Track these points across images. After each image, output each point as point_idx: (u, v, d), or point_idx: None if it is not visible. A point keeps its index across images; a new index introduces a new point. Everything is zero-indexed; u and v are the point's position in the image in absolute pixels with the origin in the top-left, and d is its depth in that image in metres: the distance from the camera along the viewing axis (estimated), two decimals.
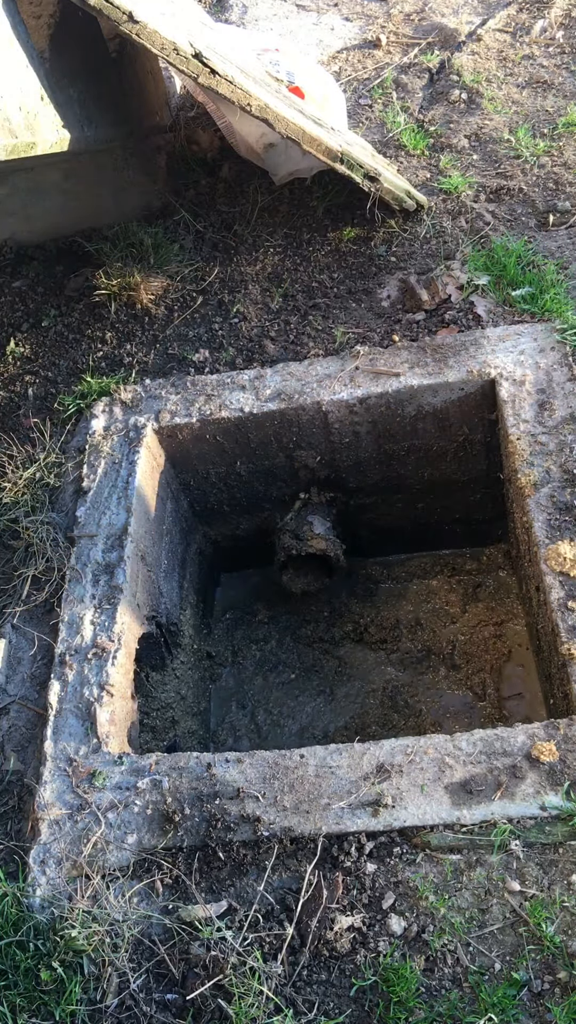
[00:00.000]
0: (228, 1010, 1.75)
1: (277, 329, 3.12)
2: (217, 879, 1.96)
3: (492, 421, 2.84)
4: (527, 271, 2.99)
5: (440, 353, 2.83)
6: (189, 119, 3.80)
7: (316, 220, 3.45)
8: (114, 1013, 1.83)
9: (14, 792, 2.23)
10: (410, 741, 2.05)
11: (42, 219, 3.67)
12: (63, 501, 2.82)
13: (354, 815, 1.96)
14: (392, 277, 3.18)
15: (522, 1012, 1.69)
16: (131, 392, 3.01)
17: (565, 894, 1.80)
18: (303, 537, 3.12)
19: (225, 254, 3.45)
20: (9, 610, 2.58)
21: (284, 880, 1.93)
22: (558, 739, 1.97)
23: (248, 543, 3.48)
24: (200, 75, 2.69)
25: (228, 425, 2.91)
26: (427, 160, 3.57)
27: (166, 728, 2.88)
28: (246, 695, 3.33)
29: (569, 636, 2.16)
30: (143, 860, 2.01)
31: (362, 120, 3.84)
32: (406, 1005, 1.73)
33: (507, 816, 1.90)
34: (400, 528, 3.40)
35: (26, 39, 2.70)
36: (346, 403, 2.84)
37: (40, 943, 1.91)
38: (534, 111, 3.67)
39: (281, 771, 2.06)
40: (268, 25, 4.48)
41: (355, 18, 4.43)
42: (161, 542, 2.95)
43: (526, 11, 4.17)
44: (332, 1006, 1.77)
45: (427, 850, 1.90)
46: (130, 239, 3.50)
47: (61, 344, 3.34)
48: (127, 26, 2.54)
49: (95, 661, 2.38)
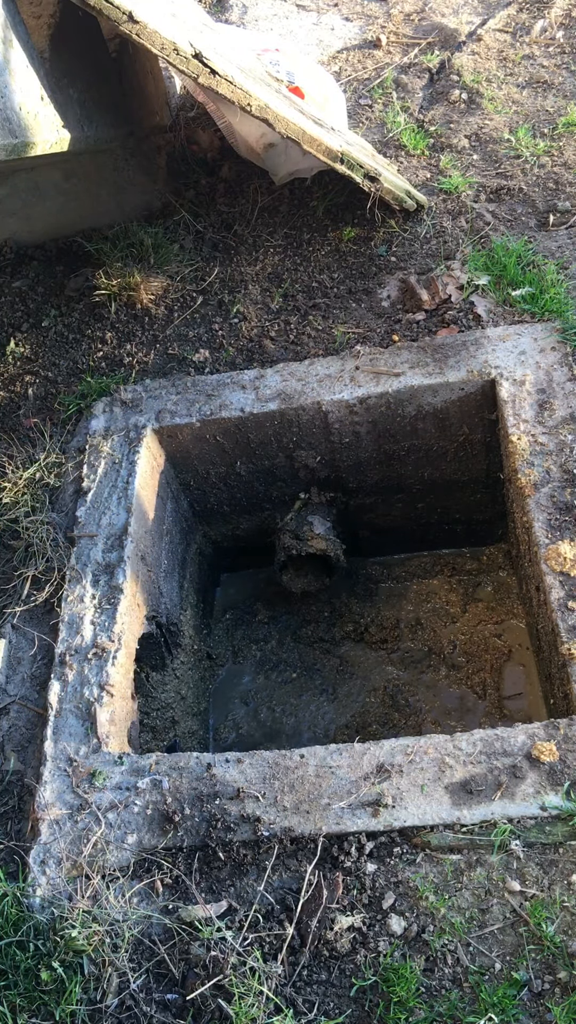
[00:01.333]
0: (228, 1010, 1.75)
1: (277, 329, 3.12)
2: (217, 879, 1.96)
3: (492, 421, 2.84)
4: (527, 271, 2.99)
5: (440, 353, 2.83)
6: (189, 119, 3.80)
7: (316, 220, 3.45)
8: (114, 1013, 1.83)
9: (14, 792, 2.23)
10: (410, 741, 2.05)
11: (42, 219, 3.67)
12: (63, 501, 2.82)
13: (354, 815, 1.96)
14: (392, 277, 3.18)
15: (522, 1012, 1.69)
16: (131, 392, 3.01)
17: (565, 894, 1.80)
18: (303, 537, 3.12)
19: (225, 254, 3.45)
20: (9, 610, 2.58)
21: (284, 880, 1.93)
22: (558, 739, 1.97)
23: (248, 543, 3.48)
24: (200, 75, 2.69)
25: (228, 425, 2.91)
26: (427, 160, 3.57)
27: (166, 728, 2.88)
28: (247, 693, 3.33)
29: (569, 636, 2.16)
30: (143, 860, 2.01)
31: (362, 120, 3.84)
32: (406, 1005, 1.73)
33: (507, 816, 1.90)
34: (400, 528, 3.40)
35: (26, 39, 2.70)
36: (346, 403, 2.84)
37: (40, 943, 1.91)
38: (534, 111, 3.67)
39: (281, 771, 2.06)
40: (268, 25, 4.48)
41: (355, 18, 4.43)
42: (161, 542, 2.95)
43: (526, 11, 4.17)
44: (332, 1006, 1.77)
45: (427, 850, 1.90)
46: (130, 239, 3.50)
47: (61, 344, 3.34)
48: (127, 26, 2.54)
49: (95, 661, 2.38)
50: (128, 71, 3.42)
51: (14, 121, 2.62)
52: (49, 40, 2.86)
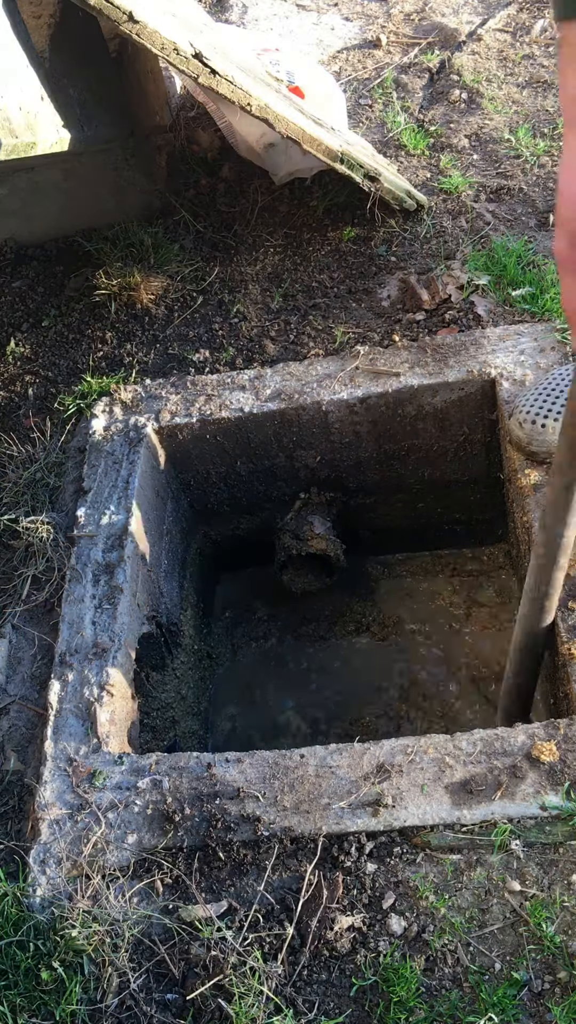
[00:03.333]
0: (228, 1010, 1.75)
1: (277, 329, 3.12)
2: (217, 879, 1.96)
3: (492, 421, 2.84)
4: (527, 271, 2.99)
5: (440, 353, 2.83)
6: (189, 119, 3.80)
7: (316, 220, 3.45)
8: (114, 1013, 1.83)
9: (14, 792, 2.23)
10: (410, 741, 2.05)
11: (42, 219, 3.67)
12: (63, 501, 2.82)
13: (354, 815, 1.96)
14: (392, 277, 3.18)
15: (522, 1012, 1.69)
16: (131, 392, 3.01)
17: (565, 894, 1.80)
18: (303, 537, 3.12)
19: (225, 254, 3.45)
20: (9, 610, 2.58)
21: (284, 880, 1.93)
22: (558, 739, 1.97)
23: (248, 543, 3.48)
24: (200, 75, 2.69)
25: (228, 425, 2.91)
26: (427, 160, 3.57)
27: (166, 728, 2.88)
28: (246, 688, 3.34)
29: (569, 636, 2.16)
30: (143, 860, 2.01)
31: (362, 120, 3.84)
32: (406, 1005, 1.73)
33: (507, 816, 1.90)
34: (400, 528, 3.40)
35: (26, 39, 2.71)
36: (346, 403, 2.84)
37: (40, 943, 1.91)
38: (534, 111, 3.67)
39: (281, 771, 2.06)
40: (268, 25, 4.48)
41: (355, 18, 4.43)
42: (161, 542, 2.95)
43: (526, 11, 4.17)
44: (332, 1006, 1.77)
45: (427, 850, 1.90)
46: (130, 239, 3.50)
47: (61, 344, 3.34)
48: (127, 26, 2.54)
49: (95, 661, 2.38)
50: (128, 71, 3.42)
51: (14, 121, 2.63)
52: (49, 40, 2.87)
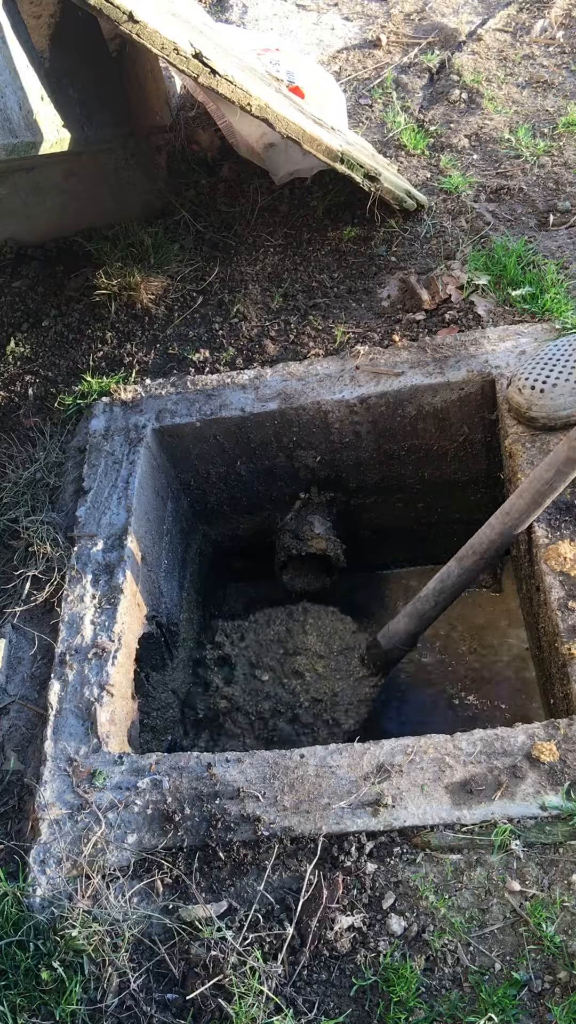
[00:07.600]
0: (228, 1010, 1.75)
1: (277, 329, 3.12)
2: (217, 879, 1.96)
3: (492, 421, 2.84)
4: (527, 271, 2.99)
5: (440, 353, 2.83)
6: (189, 119, 3.80)
7: (316, 220, 3.45)
8: (114, 1013, 1.83)
9: (14, 792, 2.23)
10: (410, 741, 2.05)
11: (42, 219, 3.67)
12: (63, 501, 2.82)
13: (354, 815, 1.96)
14: (392, 277, 3.18)
15: (522, 1012, 1.69)
16: (131, 392, 3.01)
17: (565, 894, 1.80)
18: (303, 537, 3.12)
19: (225, 254, 3.45)
20: (9, 610, 2.58)
21: (284, 880, 1.93)
22: (558, 739, 1.97)
23: (248, 543, 3.48)
24: (200, 75, 2.69)
25: (228, 425, 2.91)
26: (427, 160, 3.57)
27: (166, 728, 2.88)
28: None
29: (569, 636, 2.16)
30: (143, 860, 2.01)
31: (362, 120, 3.84)
32: (406, 1005, 1.73)
33: (507, 816, 1.90)
34: (400, 528, 3.40)
35: (26, 39, 2.71)
36: (346, 403, 2.84)
37: (40, 943, 1.91)
38: (534, 111, 3.67)
39: (281, 771, 2.06)
40: (268, 25, 4.48)
41: (355, 18, 4.43)
42: (161, 542, 2.95)
43: (526, 11, 4.17)
44: (332, 1006, 1.77)
45: (427, 850, 1.90)
46: (130, 239, 3.50)
47: (61, 344, 3.34)
48: (127, 26, 2.54)
49: (95, 661, 2.38)
50: (128, 71, 3.42)
51: (14, 121, 2.63)
52: (49, 40, 2.87)
